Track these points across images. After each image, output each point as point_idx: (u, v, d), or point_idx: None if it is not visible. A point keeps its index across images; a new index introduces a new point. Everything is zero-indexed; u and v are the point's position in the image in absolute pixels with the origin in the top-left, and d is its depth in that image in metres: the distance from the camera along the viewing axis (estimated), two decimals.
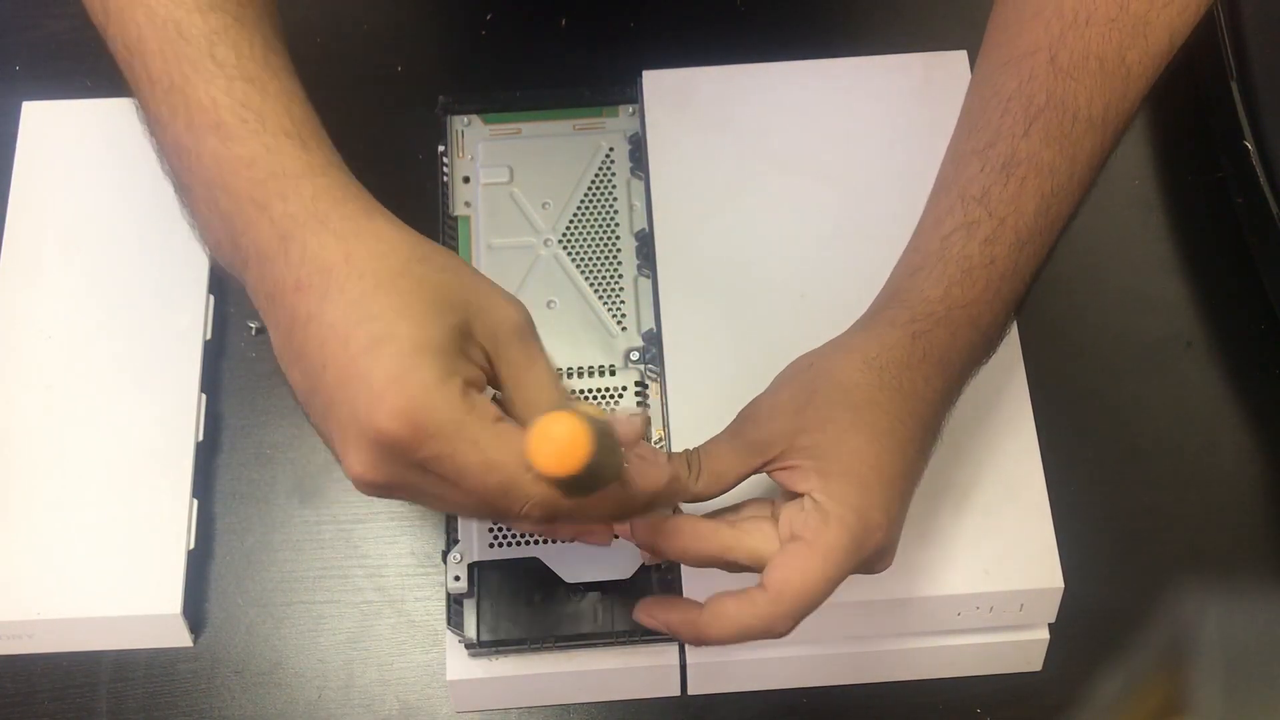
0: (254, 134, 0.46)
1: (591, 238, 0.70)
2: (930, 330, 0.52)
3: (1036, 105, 0.53)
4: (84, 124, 0.74)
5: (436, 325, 0.43)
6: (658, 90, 0.71)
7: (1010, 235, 0.52)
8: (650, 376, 0.66)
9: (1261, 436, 0.70)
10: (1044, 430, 0.63)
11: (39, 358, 0.68)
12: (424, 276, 0.44)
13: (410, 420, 0.42)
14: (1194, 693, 0.58)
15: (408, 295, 0.43)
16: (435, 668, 0.65)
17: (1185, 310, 0.73)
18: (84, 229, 0.71)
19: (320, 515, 0.68)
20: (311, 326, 0.43)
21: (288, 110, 0.47)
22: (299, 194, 0.45)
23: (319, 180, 0.46)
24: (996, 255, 0.52)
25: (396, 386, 0.42)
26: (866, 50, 0.72)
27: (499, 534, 0.62)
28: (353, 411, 0.42)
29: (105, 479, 0.66)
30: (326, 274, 0.43)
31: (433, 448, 0.42)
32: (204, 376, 0.69)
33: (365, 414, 0.42)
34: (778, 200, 0.68)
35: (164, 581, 0.64)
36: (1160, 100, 0.78)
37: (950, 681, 0.64)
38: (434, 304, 0.44)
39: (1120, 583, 0.67)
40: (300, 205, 0.45)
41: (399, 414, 0.41)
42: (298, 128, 0.47)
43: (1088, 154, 0.53)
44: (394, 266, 0.44)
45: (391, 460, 0.43)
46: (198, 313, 0.70)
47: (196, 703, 0.64)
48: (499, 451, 0.43)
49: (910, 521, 0.60)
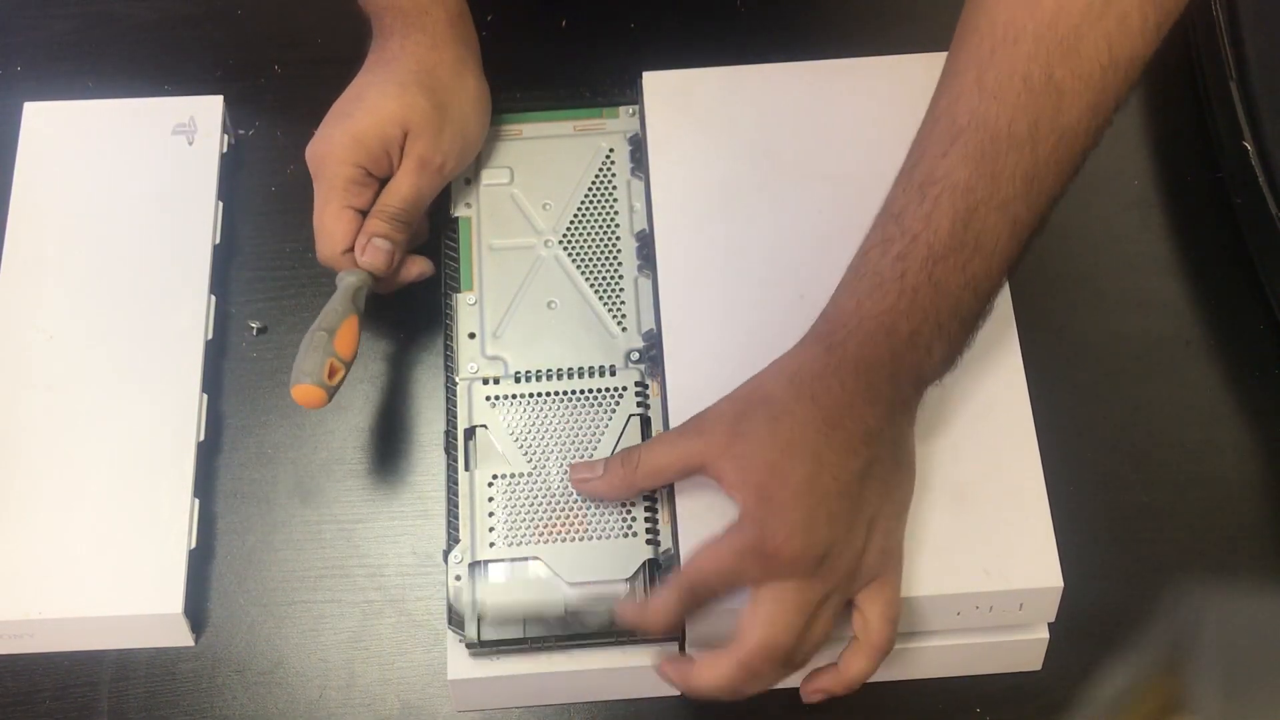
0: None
1: (592, 238, 0.70)
2: (844, 340, 0.56)
3: (959, 125, 0.55)
4: (85, 124, 0.74)
5: (376, 129, 0.63)
6: (658, 91, 0.71)
7: (923, 250, 0.55)
8: (650, 376, 0.66)
9: (1261, 436, 0.70)
10: (1044, 430, 0.63)
11: (40, 358, 0.68)
12: (408, 101, 0.63)
13: (312, 157, 0.64)
14: (1193, 692, 0.58)
15: (382, 100, 0.64)
16: (436, 667, 0.65)
17: (1185, 310, 0.73)
18: (85, 229, 0.71)
19: (321, 515, 0.68)
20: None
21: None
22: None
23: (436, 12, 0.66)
24: (907, 270, 0.55)
25: (322, 138, 0.64)
26: (866, 51, 0.72)
27: (500, 534, 0.63)
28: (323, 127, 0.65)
29: (106, 479, 0.66)
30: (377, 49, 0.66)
31: (316, 181, 0.64)
32: (205, 376, 0.69)
33: (319, 135, 0.64)
34: (777, 200, 0.68)
35: (165, 581, 0.64)
36: (1160, 100, 0.79)
37: (950, 681, 0.65)
38: (392, 117, 0.63)
39: (1120, 582, 0.67)
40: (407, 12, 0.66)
41: (312, 152, 0.64)
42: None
43: (1010, 172, 0.55)
44: (401, 79, 0.64)
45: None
46: (199, 313, 0.70)
47: (198, 702, 0.64)
48: (333, 221, 0.63)
49: (910, 521, 0.60)
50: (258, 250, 0.74)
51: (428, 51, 0.65)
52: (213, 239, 0.72)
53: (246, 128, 0.77)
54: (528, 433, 0.65)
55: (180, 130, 0.74)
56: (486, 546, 0.62)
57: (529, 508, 0.63)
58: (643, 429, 0.65)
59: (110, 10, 0.81)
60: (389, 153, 0.64)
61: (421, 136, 0.64)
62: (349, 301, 0.63)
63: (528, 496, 0.63)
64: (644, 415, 0.65)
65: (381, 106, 0.63)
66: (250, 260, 0.74)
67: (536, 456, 0.64)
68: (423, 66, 0.65)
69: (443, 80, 0.65)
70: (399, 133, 0.64)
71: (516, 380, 0.66)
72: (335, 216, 0.63)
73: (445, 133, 0.65)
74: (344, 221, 0.63)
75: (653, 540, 0.62)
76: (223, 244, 0.72)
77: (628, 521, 0.63)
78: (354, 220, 0.64)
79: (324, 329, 0.61)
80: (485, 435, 0.64)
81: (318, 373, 0.60)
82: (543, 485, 0.63)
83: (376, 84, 0.64)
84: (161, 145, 0.73)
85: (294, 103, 0.77)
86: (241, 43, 0.80)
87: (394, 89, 0.64)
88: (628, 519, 0.63)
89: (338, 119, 0.64)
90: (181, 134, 0.74)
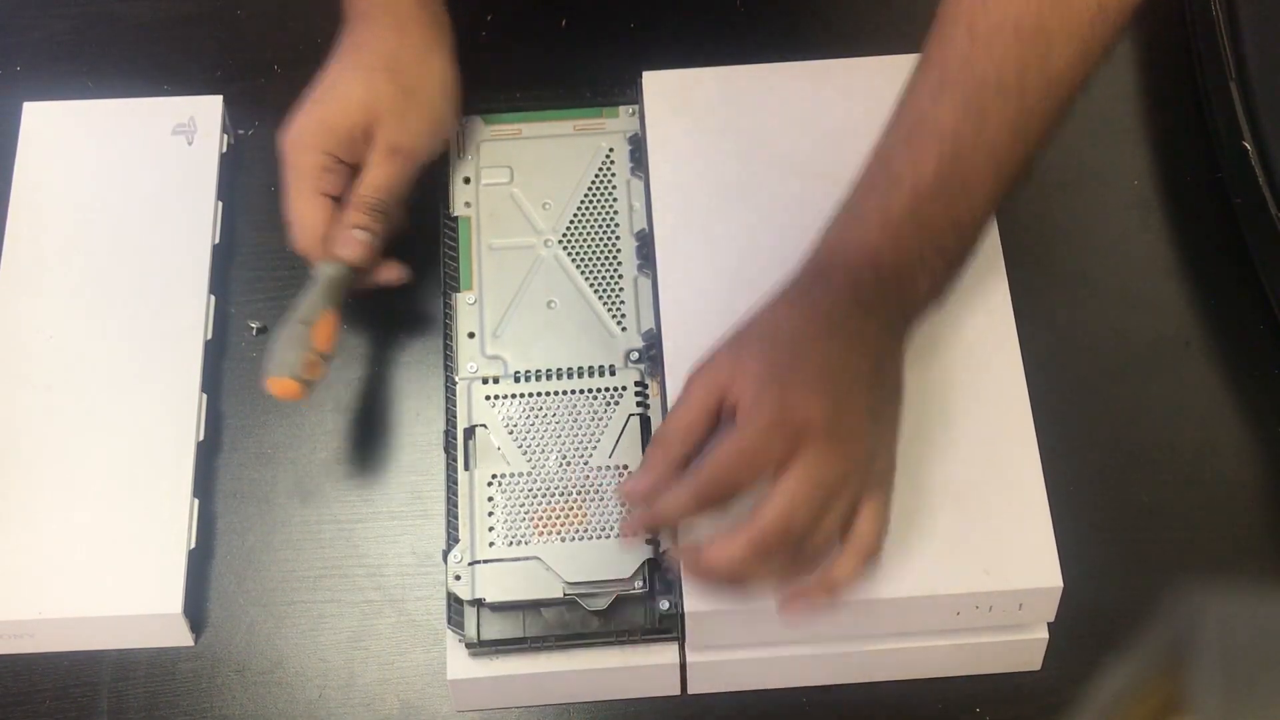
0: None
1: (591, 238, 0.70)
2: (831, 267, 0.58)
3: (949, 72, 0.57)
4: (84, 124, 0.74)
5: (344, 116, 0.64)
6: (658, 91, 0.71)
7: (907, 192, 0.57)
8: (650, 376, 0.66)
9: (1261, 436, 0.70)
10: (1043, 430, 0.63)
11: (40, 358, 0.68)
12: (375, 88, 0.64)
13: (282, 145, 0.64)
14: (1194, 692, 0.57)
15: (350, 87, 0.65)
16: (436, 667, 0.65)
17: (1185, 310, 0.73)
18: (85, 229, 0.71)
19: (320, 515, 0.68)
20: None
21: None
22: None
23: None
24: (890, 207, 0.57)
25: (292, 127, 0.64)
26: (866, 51, 0.72)
27: (499, 534, 0.63)
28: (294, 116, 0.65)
29: (106, 479, 0.66)
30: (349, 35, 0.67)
31: (285, 168, 0.64)
32: (205, 376, 0.69)
33: (289, 123, 0.64)
34: (777, 200, 0.68)
35: (165, 581, 0.64)
36: (1160, 100, 0.79)
37: (950, 681, 0.65)
38: (360, 103, 0.64)
39: (1119, 582, 0.67)
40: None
41: (287, 139, 0.64)
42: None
43: (998, 118, 0.56)
44: (369, 65, 0.65)
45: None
46: (198, 313, 0.70)
47: (198, 702, 0.64)
48: (307, 207, 0.64)
49: (910, 521, 0.60)
50: (257, 250, 0.74)
51: (394, 35, 0.66)
52: (212, 239, 0.72)
53: (246, 128, 0.77)
54: (527, 432, 0.65)
55: (180, 130, 0.74)
56: (486, 546, 0.62)
57: (528, 507, 0.63)
58: (642, 429, 0.65)
59: (110, 10, 0.81)
60: (357, 139, 0.64)
61: (389, 123, 0.65)
62: (327, 294, 0.62)
63: (527, 496, 0.63)
64: (644, 415, 0.65)
65: (349, 94, 0.64)
66: (250, 260, 0.74)
67: (536, 456, 0.64)
68: (389, 50, 0.65)
69: (409, 64, 0.66)
70: (367, 119, 0.64)
71: (516, 380, 0.66)
72: (309, 203, 0.64)
73: (412, 117, 0.66)
74: (318, 208, 0.64)
75: (653, 540, 0.62)
76: (222, 244, 0.72)
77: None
78: (327, 207, 0.64)
79: (303, 321, 0.61)
80: (485, 435, 0.64)
81: (295, 366, 0.60)
82: (542, 485, 0.63)
83: (345, 71, 0.65)
84: (161, 145, 0.73)
85: (294, 103, 0.77)
86: (241, 43, 0.80)
87: (361, 75, 0.65)
88: (628, 518, 0.63)
89: (308, 107, 0.65)
90: (181, 134, 0.74)
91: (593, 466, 0.64)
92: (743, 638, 0.62)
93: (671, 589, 0.62)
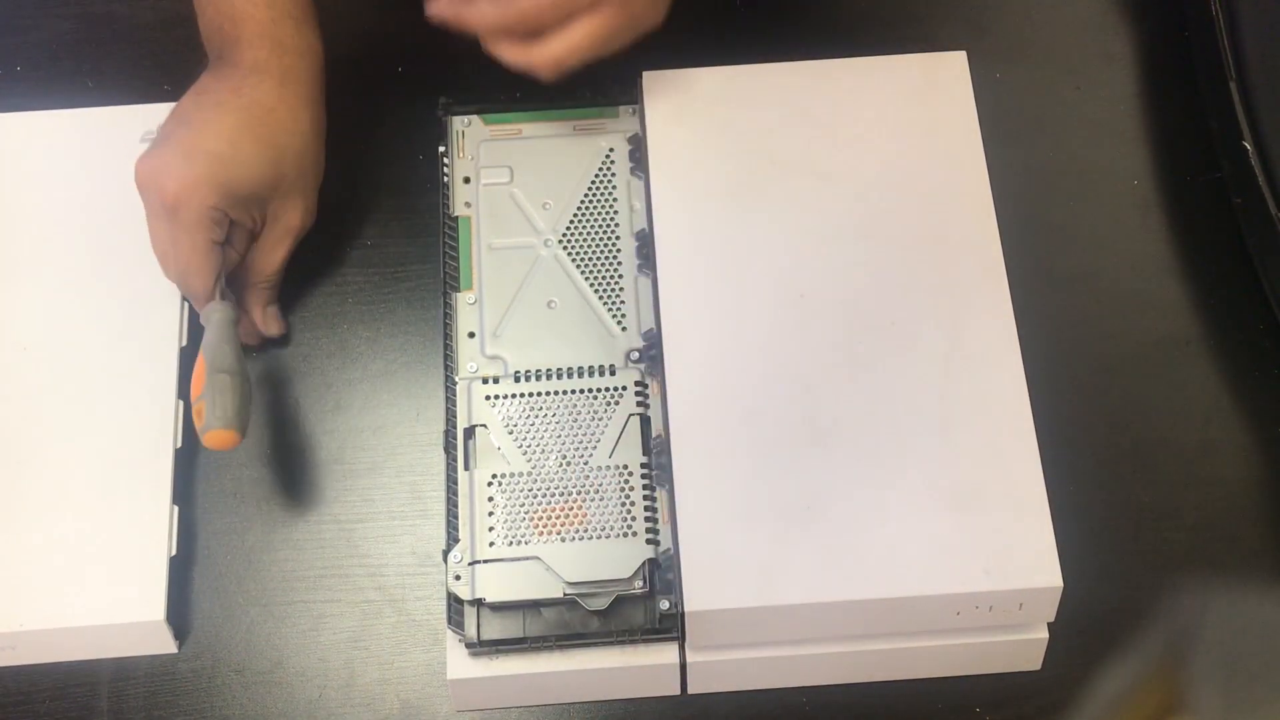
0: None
1: (592, 238, 0.70)
2: None
3: None
4: (55, 134, 0.73)
5: (247, 185, 0.65)
6: (658, 90, 0.71)
7: None
8: (650, 376, 0.66)
9: (1261, 436, 0.70)
10: (1043, 430, 0.63)
11: (15, 369, 0.68)
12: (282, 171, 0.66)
13: (168, 188, 0.63)
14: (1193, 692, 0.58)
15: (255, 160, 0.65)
16: (436, 667, 0.65)
17: (1184, 310, 0.73)
18: (57, 239, 0.71)
19: (320, 515, 0.68)
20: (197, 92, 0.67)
21: None
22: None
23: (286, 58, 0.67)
24: None
25: (184, 174, 0.63)
26: (866, 51, 0.72)
27: (499, 533, 0.63)
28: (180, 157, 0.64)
29: (84, 489, 0.65)
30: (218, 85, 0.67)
31: (173, 212, 0.63)
32: (180, 382, 0.68)
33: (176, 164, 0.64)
34: (777, 200, 0.68)
35: (146, 588, 0.64)
36: (1160, 100, 0.79)
37: (950, 681, 0.65)
38: (261, 179, 0.65)
39: (1119, 582, 0.67)
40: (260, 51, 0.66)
41: (179, 186, 0.63)
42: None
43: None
44: (276, 140, 0.66)
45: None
46: (172, 319, 0.69)
47: (197, 702, 0.64)
48: (202, 258, 0.64)
49: (910, 521, 0.60)
50: None
51: (275, 89, 0.66)
52: None
53: None
54: (527, 432, 0.65)
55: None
56: (486, 546, 0.62)
57: (528, 507, 0.63)
58: (642, 428, 0.65)
59: (110, 10, 0.81)
60: (250, 207, 0.66)
61: (291, 204, 0.68)
62: (228, 336, 0.63)
63: (527, 496, 0.63)
64: (644, 415, 0.65)
65: (251, 166, 0.65)
66: None
67: (536, 456, 0.64)
68: (280, 115, 0.66)
69: (310, 141, 0.68)
70: (265, 194, 0.66)
71: (516, 380, 0.66)
72: (205, 253, 0.64)
73: (311, 195, 0.69)
74: (213, 257, 0.64)
75: (653, 540, 0.62)
76: None
77: (627, 521, 0.63)
78: (219, 254, 0.65)
79: (223, 371, 0.61)
80: (485, 435, 0.65)
81: (230, 417, 0.60)
82: (542, 485, 0.63)
83: (241, 132, 0.65)
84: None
85: None
86: None
87: (262, 149, 0.65)
88: (628, 518, 0.63)
89: (201, 156, 0.63)
90: None
91: (593, 466, 0.64)
92: (743, 638, 0.62)
93: (671, 589, 0.62)
